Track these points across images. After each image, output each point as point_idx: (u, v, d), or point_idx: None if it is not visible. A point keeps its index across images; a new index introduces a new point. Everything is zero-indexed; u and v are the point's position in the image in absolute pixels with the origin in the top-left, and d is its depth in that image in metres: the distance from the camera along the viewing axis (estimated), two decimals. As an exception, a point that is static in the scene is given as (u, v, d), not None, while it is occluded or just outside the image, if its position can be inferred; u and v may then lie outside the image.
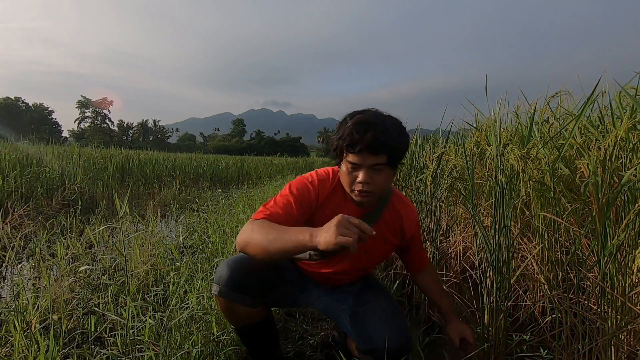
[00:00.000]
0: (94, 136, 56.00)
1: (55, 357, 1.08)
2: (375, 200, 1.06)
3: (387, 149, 0.92)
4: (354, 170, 0.96)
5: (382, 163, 0.93)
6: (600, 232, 1.07)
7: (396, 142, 0.93)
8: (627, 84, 1.44)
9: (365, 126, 0.92)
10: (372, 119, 0.94)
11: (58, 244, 1.86)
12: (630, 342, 1.09)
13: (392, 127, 0.94)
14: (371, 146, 0.91)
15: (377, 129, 0.91)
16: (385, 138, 0.91)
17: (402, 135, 0.96)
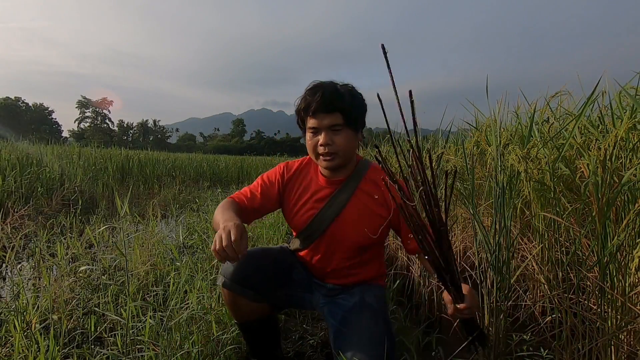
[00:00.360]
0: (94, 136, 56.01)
1: (55, 357, 1.08)
2: (345, 168, 1.07)
3: (339, 106, 0.98)
4: (315, 134, 1.02)
5: (339, 123, 0.99)
6: (600, 232, 1.07)
7: (347, 100, 0.99)
8: (627, 84, 1.44)
9: (315, 88, 1.00)
10: (323, 83, 1.02)
11: (58, 244, 1.86)
12: (630, 342, 1.08)
13: (343, 89, 1.01)
14: (323, 104, 0.97)
15: (326, 90, 0.98)
16: (336, 96, 0.98)
17: (354, 96, 1.02)
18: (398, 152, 0.79)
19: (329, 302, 1.13)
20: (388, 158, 2.92)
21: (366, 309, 1.04)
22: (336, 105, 0.97)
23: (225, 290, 1.08)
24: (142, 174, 6.84)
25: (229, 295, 1.08)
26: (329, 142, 0.99)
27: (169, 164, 8.28)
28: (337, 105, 0.97)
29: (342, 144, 1.00)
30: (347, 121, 0.99)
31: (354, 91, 1.03)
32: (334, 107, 0.97)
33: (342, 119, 0.98)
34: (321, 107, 0.97)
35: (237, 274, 1.05)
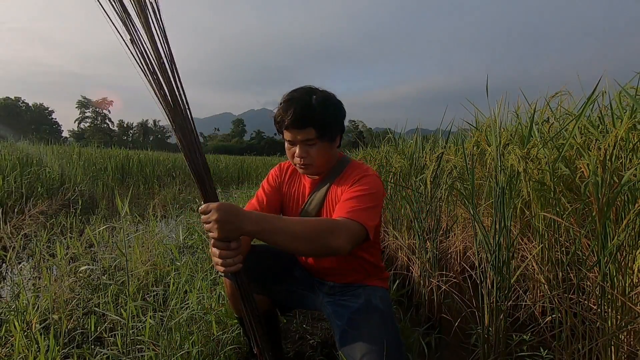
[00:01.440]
0: (94, 136, 56.01)
1: (55, 357, 1.08)
2: (323, 170, 1.09)
3: (311, 122, 0.97)
4: (291, 146, 1.04)
5: (312, 138, 0.99)
6: (600, 232, 1.07)
7: (320, 115, 0.98)
8: (627, 84, 1.44)
9: (288, 103, 0.99)
10: (298, 95, 1.00)
11: (58, 244, 1.87)
12: (630, 342, 1.09)
13: (317, 102, 0.99)
14: (295, 121, 0.97)
15: (298, 105, 0.97)
16: (308, 113, 0.97)
17: (327, 108, 1.01)
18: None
19: (333, 303, 1.13)
20: (388, 158, 2.93)
21: (374, 311, 1.04)
22: (307, 122, 0.98)
23: (227, 280, 1.10)
24: (142, 174, 6.84)
25: (231, 286, 1.09)
26: (303, 155, 1.02)
27: (169, 164, 8.28)
28: (309, 121, 0.98)
29: (316, 156, 1.02)
30: (321, 135, 1.00)
31: (328, 101, 1.02)
32: (305, 123, 0.98)
33: (315, 133, 0.99)
34: (293, 124, 0.98)
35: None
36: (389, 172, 2.71)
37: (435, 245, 1.84)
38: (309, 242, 0.82)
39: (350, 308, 1.06)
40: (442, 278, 1.79)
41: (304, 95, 1.00)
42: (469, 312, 1.48)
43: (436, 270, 1.82)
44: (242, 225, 0.76)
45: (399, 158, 2.58)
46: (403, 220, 2.45)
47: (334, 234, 0.84)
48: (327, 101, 1.02)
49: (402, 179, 2.50)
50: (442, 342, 1.60)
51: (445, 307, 1.77)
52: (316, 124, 0.98)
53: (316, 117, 0.98)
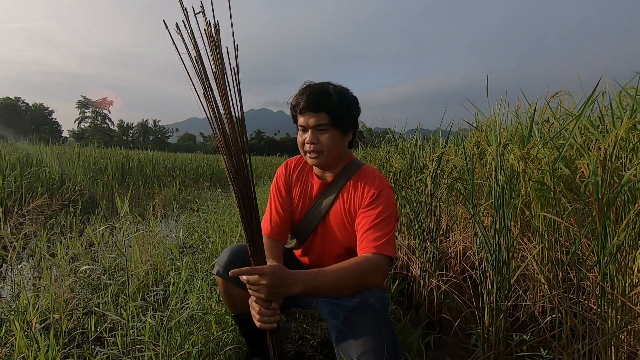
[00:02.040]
0: (94, 136, 56.02)
1: (56, 357, 1.08)
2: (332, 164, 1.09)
3: (326, 107, 1.00)
4: (303, 132, 1.05)
5: (325, 123, 1.01)
6: (600, 232, 1.07)
7: (335, 102, 1.01)
8: (627, 84, 1.44)
9: (307, 89, 1.03)
10: (316, 84, 1.05)
11: (58, 244, 1.87)
12: (630, 342, 1.09)
13: (334, 90, 1.03)
14: (310, 104, 1.00)
15: (316, 90, 1.02)
16: (324, 97, 1.01)
17: (343, 98, 1.04)
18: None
19: (328, 302, 1.13)
20: (388, 158, 2.93)
21: (368, 310, 1.03)
22: (322, 106, 1.00)
23: (219, 279, 1.11)
24: (142, 174, 6.84)
25: (223, 285, 1.11)
26: (314, 140, 1.03)
27: (169, 164, 8.29)
28: (323, 106, 1.00)
29: (327, 143, 1.03)
30: (334, 121, 1.01)
31: (344, 93, 1.05)
32: (320, 107, 1.00)
33: (329, 119, 1.01)
34: (308, 107, 1.01)
35: (230, 264, 1.08)
36: (389, 172, 2.71)
37: (435, 245, 1.84)
38: (350, 289, 0.93)
39: (345, 307, 1.06)
40: (442, 278, 1.79)
41: (321, 84, 1.05)
42: (469, 312, 1.48)
43: (436, 270, 1.82)
44: (290, 290, 0.82)
45: (399, 158, 2.58)
46: (403, 220, 2.45)
47: (369, 276, 0.94)
48: (344, 92, 1.05)
49: (402, 179, 2.50)
50: (442, 342, 1.61)
51: (445, 307, 1.77)
52: (330, 110, 1.00)
53: (331, 102, 1.01)
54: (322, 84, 1.05)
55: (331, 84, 1.06)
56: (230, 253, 1.11)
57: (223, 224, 2.73)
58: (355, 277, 0.92)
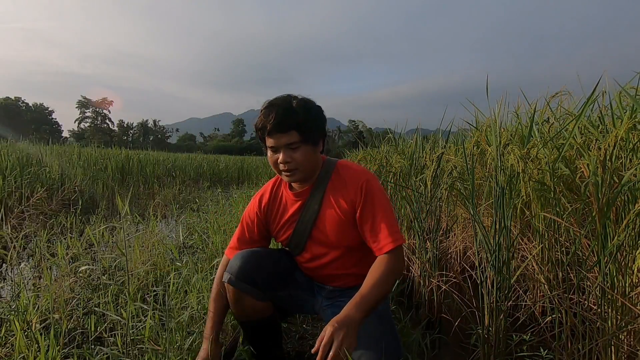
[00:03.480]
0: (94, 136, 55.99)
1: (56, 357, 1.08)
2: (309, 177, 1.09)
3: (294, 125, 0.99)
4: (275, 152, 1.03)
5: (296, 141, 1.00)
6: (600, 232, 1.07)
7: (302, 118, 0.99)
8: (627, 84, 1.44)
9: (269, 108, 1.01)
10: (278, 101, 1.02)
11: (58, 244, 1.87)
12: (630, 342, 1.08)
13: (298, 105, 1.01)
14: (278, 125, 0.98)
15: (280, 109, 0.99)
16: (290, 115, 0.98)
17: (309, 111, 1.02)
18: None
19: (331, 305, 1.13)
20: (388, 158, 2.93)
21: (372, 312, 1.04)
22: (290, 125, 0.98)
23: (230, 287, 1.08)
24: (142, 174, 6.84)
25: (234, 293, 1.08)
26: (287, 159, 1.01)
27: (169, 164, 8.28)
28: (291, 124, 0.98)
29: (301, 159, 1.02)
30: (304, 138, 1.00)
31: (308, 105, 1.03)
32: (288, 126, 0.98)
33: (298, 137, 0.99)
34: (276, 128, 0.99)
35: (243, 272, 1.07)
36: (389, 172, 2.71)
37: (435, 245, 1.84)
38: (388, 289, 0.96)
39: None
40: (442, 278, 1.79)
41: (283, 101, 1.01)
42: (469, 312, 1.48)
43: (436, 270, 1.82)
44: (356, 322, 0.83)
45: (399, 158, 2.58)
46: (403, 220, 2.45)
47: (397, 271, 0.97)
48: (308, 104, 1.03)
49: (402, 179, 2.50)
50: (442, 342, 1.60)
51: (445, 307, 1.77)
52: (299, 127, 0.99)
53: (299, 119, 0.99)
54: (284, 100, 1.02)
55: (293, 97, 1.04)
56: (242, 260, 1.08)
57: (223, 224, 2.72)
58: (390, 279, 0.95)
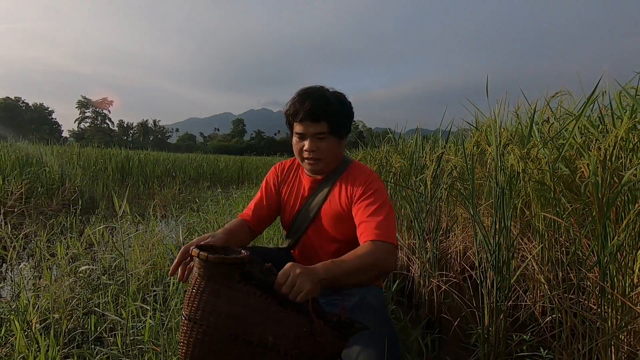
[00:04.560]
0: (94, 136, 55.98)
1: (55, 356, 1.08)
2: (328, 169, 1.10)
3: (326, 116, 1.00)
4: (301, 139, 1.05)
5: (324, 132, 1.01)
6: (600, 232, 1.07)
7: (335, 109, 1.01)
8: (627, 84, 1.44)
9: (305, 96, 1.01)
10: (313, 90, 1.03)
11: (58, 244, 1.87)
12: (630, 342, 1.09)
13: (332, 97, 1.02)
14: (311, 113, 0.99)
15: (315, 98, 1.00)
16: (324, 106, 0.99)
17: (342, 104, 1.04)
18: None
19: (327, 303, 1.13)
20: (388, 158, 2.93)
21: (368, 308, 1.04)
22: (322, 115, 1.00)
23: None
24: (142, 174, 6.84)
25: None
26: (313, 148, 1.03)
27: (169, 164, 8.29)
28: (324, 115, 1.00)
29: (326, 150, 1.04)
30: (333, 130, 1.02)
31: (342, 99, 1.05)
32: (320, 116, 1.00)
33: (328, 128, 1.01)
34: (308, 116, 1.00)
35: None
36: (389, 172, 2.71)
37: (435, 245, 1.84)
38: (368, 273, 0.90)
39: (344, 307, 1.07)
40: (442, 278, 1.79)
41: (318, 91, 1.03)
42: (469, 312, 1.48)
43: (436, 270, 1.82)
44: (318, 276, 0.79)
45: (399, 158, 2.58)
46: (403, 220, 2.45)
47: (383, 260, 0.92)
48: (341, 98, 1.05)
49: (402, 179, 2.50)
50: (442, 342, 1.61)
51: (445, 307, 1.77)
52: (330, 118, 1.00)
53: (332, 111, 1.00)
54: (320, 91, 1.03)
55: (327, 89, 1.05)
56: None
57: (223, 224, 2.72)
58: (371, 261, 0.90)
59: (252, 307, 0.73)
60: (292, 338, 0.75)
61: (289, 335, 0.74)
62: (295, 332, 0.75)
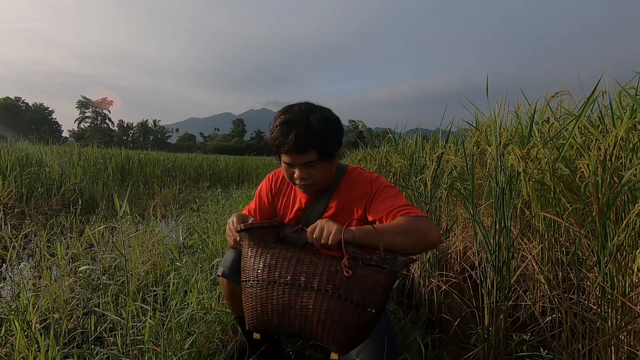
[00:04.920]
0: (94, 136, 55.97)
1: (55, 357, 1.08)
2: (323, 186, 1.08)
3: (313, 146, 0.95)
4: (290, 167, 1.00)
5: (313, 160, 0.97)
6: (600, 232, 1.07)
7: (321, 138, 0.95)
8: (627, 84, 1.44)
9: (288, 126, 0.94)
10: (296, 117, 0.95)
11: (58, 244, 1.87)
12: (630, 342, 1.09)
13: (317, 123, 0.95)
14: (296, 147, 0.94)
15: (299, 129, 0.93)
16: (309, 137, 0.93)
17: (328, 128, 0.97)
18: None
19: None
20: (388, 158, 2.93)
21: None
22: (309, 146, 0.95)
23: (224, 280, 1.11)
24: (142, 174, 6.84)
25: (228, 285, 1.10)
26: (304, 176, 0.99)
27: (169, 164, 8.29)
28: (310, 146, 0.95)
29: (318, 176, 1.01)
30: (322, 156, 0.98)
31: (328, 122, 0.98)
32: (307, 148, 0.95)
33: (317, 156, 0.97)
34: (294, 149, 0.95)
35: (236, 265, 1.08)
36: (389, 172, 2.71)
37: (435, 245, 1.83)
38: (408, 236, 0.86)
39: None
40: (442, 278, 1.79)
41: (302, 118, 0.95)
42: (469, 312, 1.48)
43: (436, 270, 1.82)
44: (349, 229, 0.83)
45: (399, 158, 2.58)
46: (403, 220, 2.44)
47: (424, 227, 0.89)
48: (327, 121, 0.98)
49: (402, 179, 2.50)
50: (442, 342, 1.61)
51: (445, 307, 1.77)
52: (318, 147, 0.96)
53: (317, 140, 0.94)
54: (303, 118, 0.95)
55: (310, 109, 0.98)
56: (235, 254, 1.10)
57: (223, 224, 2.72)
58: (408, 224, 0.88)
59: (285, 257, 0.87)
60: (326, 275, 0.83)
61: (322, 273, 0.83)
62: (328, 270, 0.83)
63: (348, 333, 0.82)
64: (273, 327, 0.89)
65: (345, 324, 0.81)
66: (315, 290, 0.82)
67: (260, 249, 0.90)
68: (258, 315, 0.89)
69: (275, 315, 0.86)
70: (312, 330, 0.85)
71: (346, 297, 0.80)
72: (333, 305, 0.81)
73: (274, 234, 0.92)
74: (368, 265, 0.82)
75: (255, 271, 0.88)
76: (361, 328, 0.82)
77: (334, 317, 0.81)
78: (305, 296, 0.83)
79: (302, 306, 0.83)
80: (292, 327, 0.87)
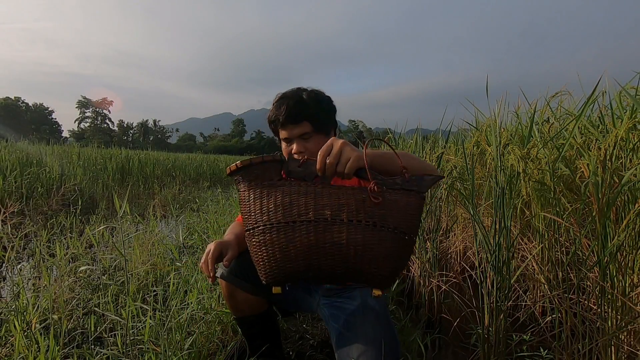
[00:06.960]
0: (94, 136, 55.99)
1: (55, 357, 1.08)
2: None
3: (306, 115, 1.01)
4: (289, 144, 1.06)
5: (308, 132, 1.02)
6: (600, 232, 1.07)
7: (313, 108, 1.02)
8: (627, 84, 1.44)
9: (281, 101, 1.04)
10: (289, 93, 1.05)
11: (58, 244, 1.86)
12: (630, 342, 1.09)
13: (309, 97, 1.04)
14: (290, 116, 1.01)
15: (291, 101, 1.02)
16: (302, 107, 1.01)
17: (320, 102, 1.05)
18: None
19: (329, 305, 1.13)
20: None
21: (370, 312, 1.04)
22: (302, 115, 1.01)
23: (223, 282, 1.11)
24: (142, 174, 6.84)
25: (227, 287, 1.11)
26: (301, 149, 1.03)
27: (169, 164, 8.29)
28: (304, 116, 1.01)
29: (314, 149, 1.02)
30: (316, 128, 1.03)
31: (319, 96, 1.06)
32: (300, 117, 1.01)
33: (311, 127, 1.02)
34: (288, 119, 1.01)
35: (236, 267, 1.08)
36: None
37: (435, 245, 1.84)
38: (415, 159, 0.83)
39: (346, 310, 1.07)
40: (442, 278, 1.79)
41: (294, 93, 1.05)
42: (469, 312, 1.48)
43: (436, 270, 1.82)
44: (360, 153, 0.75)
45: (399, 158, 2.57)
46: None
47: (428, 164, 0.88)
48: (318, 96, 1.06)
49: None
50: (442, 342, 1.61)
51: (445, 307, 1.77)
52: (311, 117, 1.02)
53: (310, 110, 1.02)
54: (295, 93, 1.05)
55: (303, 89, 1.07)
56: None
57: (223, 224, 2.73)
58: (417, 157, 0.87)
59: (299, 193, 0.76)
60: (354, 204, 0.74)
61: (349, 203, 0.74)
62: (355, 199, 0.74)
63: (390, 264, 0.74)
64: (298, 274, 0.78)
65: (386, 254, 0.74)
66: (347, 223, 0.73)
67: (266, 189, 0.78)
68: (278, 263, 0.77)
69: (302, 259, 0.75)
70: (348, 268, 0.75)
71: (382, 224, 0.73)
72: (369, 236, 0.73)
73: (277, 171, 0.80)
74: (394, 189, 0.74)
75: (265, 214, 0.76)
76: (402, 256, 0.76)
77: (373, 248, 0.73)
78: (335, 231, 0.74)
79: (332, 243, 0.74)
80: (322, 271, 0.77)
